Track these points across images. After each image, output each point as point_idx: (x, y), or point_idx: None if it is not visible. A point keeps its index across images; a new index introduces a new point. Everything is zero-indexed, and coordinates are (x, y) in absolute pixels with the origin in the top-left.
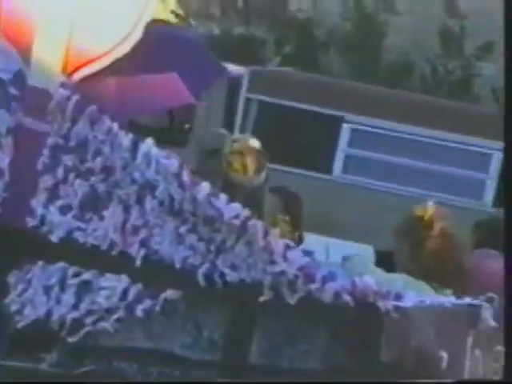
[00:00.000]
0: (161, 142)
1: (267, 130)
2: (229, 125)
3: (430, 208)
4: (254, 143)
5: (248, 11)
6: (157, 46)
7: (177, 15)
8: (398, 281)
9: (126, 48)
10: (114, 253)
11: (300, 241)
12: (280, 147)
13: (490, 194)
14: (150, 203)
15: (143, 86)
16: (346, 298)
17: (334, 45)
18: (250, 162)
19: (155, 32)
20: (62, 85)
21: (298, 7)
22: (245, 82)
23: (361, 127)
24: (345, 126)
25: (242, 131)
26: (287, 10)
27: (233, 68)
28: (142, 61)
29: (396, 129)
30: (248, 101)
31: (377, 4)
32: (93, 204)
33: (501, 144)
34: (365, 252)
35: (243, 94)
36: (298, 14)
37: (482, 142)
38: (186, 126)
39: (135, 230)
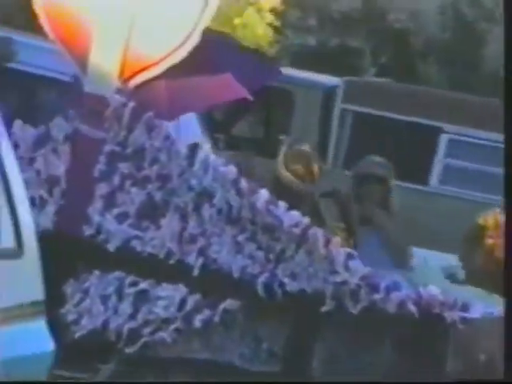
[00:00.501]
0: (255, 153)
1: (363, 142)
2: (324, 136)
3: (495, 215)
4: (310, 149)
5: (344, 22)
6: (211, 51)
7: (274, 28)
8: (466, 292)
9: (183, 53)
10: (172, 262)
11: (355, 247)
12: (376, 156)
13: None
14: (207, 211)
15: (198, 85)
16: (411, 308)
17: (432, 54)
18: (316, 169)
19: (210, 38)
20: (118, 91)
21: (396, 17)
22: (340, 93)
23: (459, 137)
24: (443, 136)
25: (338, 143)
26: (384, 19)
27: (328, 78)
28: (197, 66)
29: (495, 139)
30: (344, 112)
31: (477, 12)
32: (150, 212)
33: None
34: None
35: (339, 104)
36: (394, 23)
37: None
38: (282, 136)
39: (193, 239)
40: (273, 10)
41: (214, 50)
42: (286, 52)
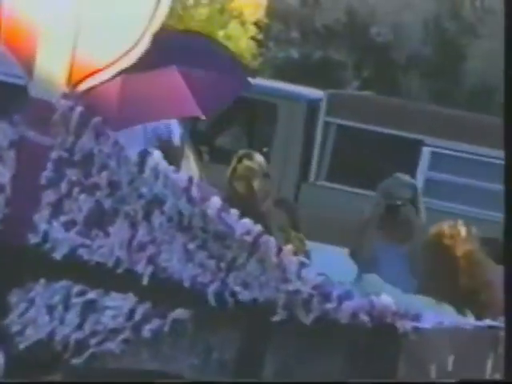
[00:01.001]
0: None
1: (346, 154)
2: (307, 149)
3: (458, 227)
4: (260, 162)
5: (327, 35)
6: (166, 54)
7: (257, 41)
8: (416, 300)
9: (131, 59)
10: (120, 270)
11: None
12: (359, 171)
13: None
14: (157, 219)
15: (151, 97)
16: (364, 317)
17: (414, 68)
18: (258, 186)
19: (164, 40)
20: (65, 96)
21: (378, 30)
22: (323, 106)
23: (441, 150)
24: (425, 149)
25: (321, 155)
26: (367, 33)
27: (311, 91)
28: (149, 69)
29: (477, 152)
30: (327, 124)
31: (458, 27)
32: (98, 220)
33: None
34: None
35: (322, 117)
36: (377, 37)
37: None
38: (265, 149)
39: (142, 247)
40: (256, 23)
41: (171, 54)
42: (269, 65)
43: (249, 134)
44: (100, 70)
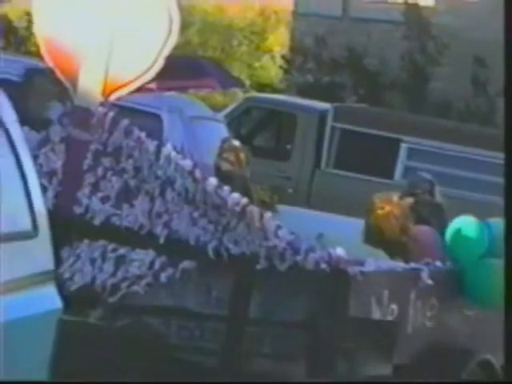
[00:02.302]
0: (270, 157)
1: (348, 149)
2: (319, 145)
3: (384, 195)
4: (239, 144)
5: (333, 65)
6: (177, 71)
7: (283, 69)
8: (364, 251)
9: (150, 75)
10: (143, 233)
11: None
12: (358, 161)
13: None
14: (170, 194)
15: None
16: (323, 265)
17: (395, 88)
18: (243, 157)
19: (175, 61)
20: (101, 104)
21: (370, 62)
22: (330, 115)
23: (415, 146)
24: (403, 144)
25: (329, 151)
26: (362, 63)
27: (322, 104)
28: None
29: (441, 146)
30: (333, 128)
31: (425, 59)
32: (126, 195)
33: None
34: None
35: (329, 123)
36: (368, 66)
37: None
38: (288, 146)
39: (159, 215)
40: (283, 57)
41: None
42: (292, 86)
43: (277, 136)
44: (126, 85)
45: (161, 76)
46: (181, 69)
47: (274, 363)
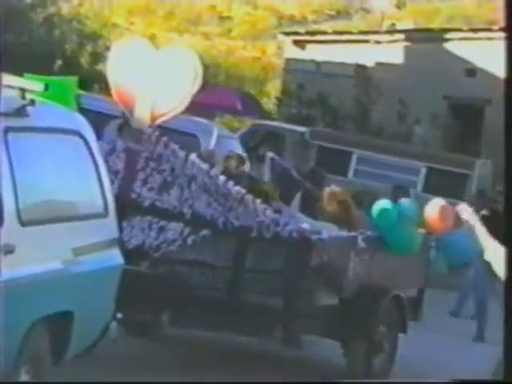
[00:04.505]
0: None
1: (321, 158)
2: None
3: (333, 189)
4: (241, 154)
5: (309, 103)
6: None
7: (277, 106)
8: (321, 225)
9: (181, 108)
10: (176, 211)
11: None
12: (324, 164)
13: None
14: (194, 186)
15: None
16: (294, 234)
17: (349, 118)
18: (240, 163)
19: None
20: (149, 127)
21: (332, 101)
22: (307, 135)
23: (363, 156)
24: (354, 155)
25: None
26: (327, 102)
27: (302, 128)
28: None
29: (377, 156)
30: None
31: (368, 99)
32: (164, 187)
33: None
34: None
35: (308, 140)
36: (332, 104)
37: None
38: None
39: (186, 200)
40: (276, 98)
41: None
42: (282, 116)
43: (273, 148)
44: (166, 114)
45: (198, 100)
46: (214, 96)
47: (260, 298)
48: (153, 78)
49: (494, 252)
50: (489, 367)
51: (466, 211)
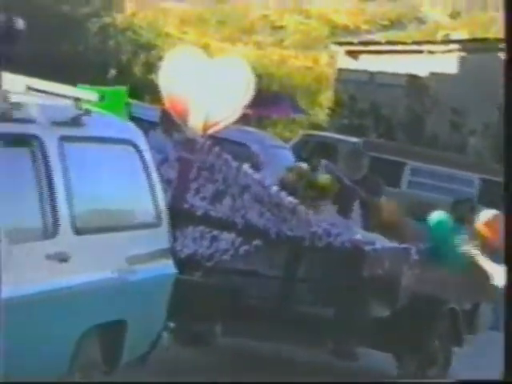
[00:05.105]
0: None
1: (374, 169)
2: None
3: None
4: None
5: (361, 113)
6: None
7: (329, 116)
8: (372, 235)
9: (234, 118)
10: (228, 220)
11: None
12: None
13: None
14: (246, 196)
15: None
16: (347, 244)
17: (402, 128)
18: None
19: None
20: (201, 136)
21: (385, 111)
22: (360, 146)
23: (416, 167)
24: (407, 166)
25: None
26: (379, 112)
27: (354, 139)
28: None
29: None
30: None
31: (420, 109)
32: (217, 197)
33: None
34: None
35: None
36: (384, 114)
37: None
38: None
39: (239, 210)
40: (328, 108)
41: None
42: (334, 127)
43: (325, 158)
44: (218, 124)
45: (250, 107)
46: (265, 100)
47: (312, 308)
48: (206, 88)
49: None
50: None
51: None
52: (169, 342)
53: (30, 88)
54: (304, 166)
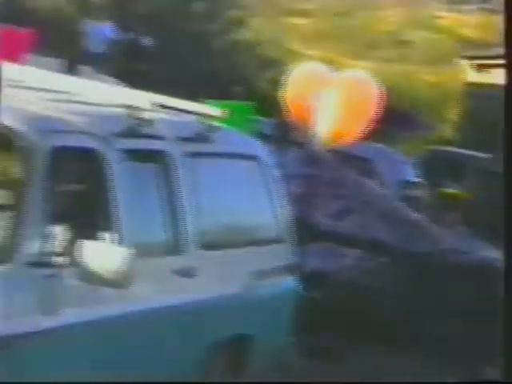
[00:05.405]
0: None
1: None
2: None
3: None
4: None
5: (494, 131)
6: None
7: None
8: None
9: (362, 131)
10: (354, 237)
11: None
12: None
13: None
14: (369, 212)
15: None
16: (477, 262)
17: None
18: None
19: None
20: (327, 151)
21: None
22: (489, 163)
23: None
24: None
25: None
26: None
27: (485, 155)
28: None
29: None
30: None
31: None
32: (340, 213)
33: None
34: None
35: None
36: None
37: None
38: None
39: (364, 226)
40: (454, 122)
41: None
42: (461, 141)
43: (451, 174)
44: (345, 138)
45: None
46: (394, 117)
47: (440, 328)
48: (332, 103)
49: None
50: None
51: None
52: (292, 357)
53: (158, 105)
54: (428, 181)
